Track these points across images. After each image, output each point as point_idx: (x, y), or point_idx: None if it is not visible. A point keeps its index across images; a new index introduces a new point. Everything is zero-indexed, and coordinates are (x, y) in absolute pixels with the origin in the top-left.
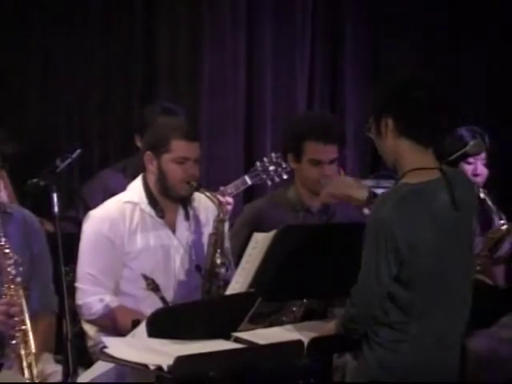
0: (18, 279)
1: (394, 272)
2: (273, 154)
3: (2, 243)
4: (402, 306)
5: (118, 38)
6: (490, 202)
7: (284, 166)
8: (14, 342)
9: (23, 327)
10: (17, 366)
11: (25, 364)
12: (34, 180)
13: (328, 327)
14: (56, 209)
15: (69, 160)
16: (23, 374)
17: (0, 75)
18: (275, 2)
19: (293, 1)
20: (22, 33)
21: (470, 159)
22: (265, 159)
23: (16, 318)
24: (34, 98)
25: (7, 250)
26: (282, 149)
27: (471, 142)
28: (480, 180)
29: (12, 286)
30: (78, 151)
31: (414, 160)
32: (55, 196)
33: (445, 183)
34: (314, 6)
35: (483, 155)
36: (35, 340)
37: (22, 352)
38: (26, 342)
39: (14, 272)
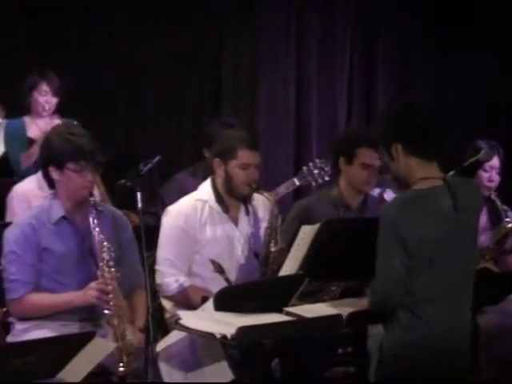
0: (111, 263)
1: (405, 262)
2: (317, 160)
3: (99, 234)
4: (414, 291)
5: (193, 65)
6: (499, 203)
7: (326, 169)
8: (108, 313)
9: (116, 302)
10: (111, 335)
11: (118, 333)
12: (122, 181)
13: (362, 303)
14: (140, 205)
15: (150, 165)
16: (116, 341)
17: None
18: (321, 33)
19: (335, 33)
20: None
21: (487, 167)
22: (310, 164)
23: (110, 295)
24: (122, 113)
25: (102, 240)
26: (335, 152)
27: (483, 151)
28: (493, 185)
29: (106, 269)
30: (158, 158)
31: (421, 172)
32: (139, 194)
33: (447, 190)
34: (353, 39)
35: (497, 164)
36: (127, 313)
37: (115, 322)
38: (119, 315)
39: (107, 257)
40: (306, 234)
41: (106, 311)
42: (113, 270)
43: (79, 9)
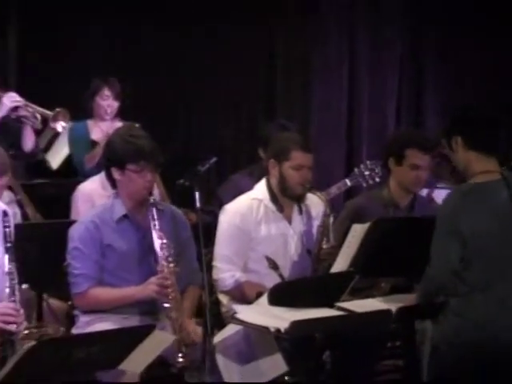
0: (170, 259)
1: (460, 252)
2: (368, 162)
3: (159, 231)
4: (467, 280)
5: (248, 69)
6: None
7: (377, 171)
8: (167, 306)
9: (175, 296)
10: (170, 328)
11: (176, 326)
12: (181, 181)
13: (410, 299)
14: (198, 204)
15: (207, 165)
16: (175, 333)
17: (158, 99)
18: (371, 43)
19: (384, 43)
20: (172, 57)
21: None
22: (362, 166)
23: (169, 289)
24: (181, 116)
25: (162, 237)
26: (385, 153)
27: None
28: None
29: (165, 264)
30: (215, 159)
31: (480, 166)
32: (197, 194)
33: (504, 183)
34: (403, 51)
35: None
36: (184, 306)
37: (174, 315)
38: (177, 308)
39: (167, 254)
40: (357, 232)
41: (166, 305)
42: (172, 265)
43: (138, 14)
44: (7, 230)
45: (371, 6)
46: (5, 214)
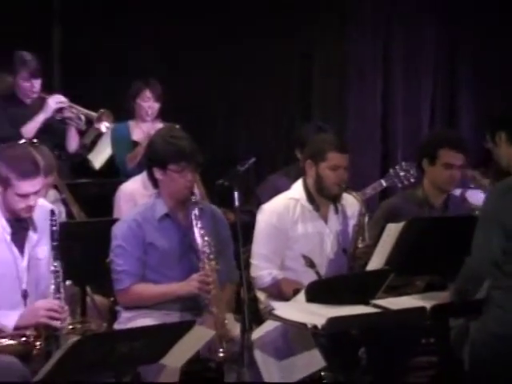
0: (212, 256)
1: (503, 244)
2: (403, 163)
3: (200, 229)
4: (509, 273)
5: (286, 73)
6: None
7: (412, 172)
8: (208, 302)
9: (216, 292)
10: (209, 323)
11: (216, 321)
12: (220, 181)
13: (444, 296)
14: (237, 203)
15: (246, 166)
16: (215, 329)
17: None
18: (405, 47)
19: (418, 49)
20: (211, 59)
21: None
22: (397, 167)
23: (210, 286)
24: (221, 118)
25: (203, 235)
26: (419, 154)
27: None
28: None
29: (207, 261)
30: (253, 159)
31: None
32: (236, 194)
33: None
34: (437, 54)
35: None
36: (223, 303)
37: (214, 311)
38: (218, 304)
39: (208, 251)
40: (392, 231)
41: (207, 300)
42: (213, 262)
43: (179, 16)
44: (54, 228)
45: (405, 11)
46: (52, 213)
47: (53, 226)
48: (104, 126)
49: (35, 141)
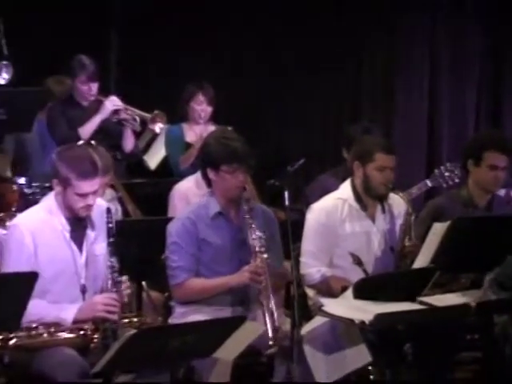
0: (263, 249)
1: None
2: (448, 164)
3: (251, 225)
4: None
5: (334, 77)
6: None
7: (456, 172)
8: (259, 292)
9: (266, 284)
10: (260, 318)
11: (267, 311)
12: (271, 181)
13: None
14: (287, 202)
15: (296, 167)
16: (265, 323)
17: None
18: (452, 51)
19: (464, 53)
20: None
21: None
22: (441, 167)
23: (261, 277)
24: (271, 120)
25: (254, 230)
26: (464, 155)
27: None
28: None
29: (258, 254)
30: (303, 160)
31: None
32: (286, 193)
33: None
34: (482, 57)
35: None
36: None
37: (265, 302)
38: (268, 295)
39: (259, 244)
40: (438, 230)
41: (258, 291)
42: (264, 256)
43: (233, 21)
44: (110, 225)
45: (452, 15)
46: (108, 210)
47: (109, 223)
48: (158, 127)
49: (92, 142)
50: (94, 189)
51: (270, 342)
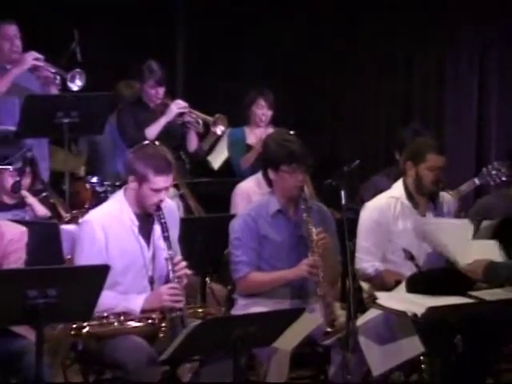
0: (319, 243)
1: None
2: (495, 162)
3: (308, 222)
4: None
5: (385, 82)
6: None
7: (503, 171)
8: (316, 285)
9: (324, 276)
10: (318, 311)
11: (325, 303)
12: (328, 181)
13: None
14: (343, 201)
15: (351, 167)
16: (322, 311)
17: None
18: (501, 55)
19: None
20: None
21: None
22: (489, 166)
23: (319, 269)
24: (327, 123)
25: (312, 225)
26: (511, 154)
27: None
28: None
29: (315, 249)
30: (357, 161)
31: None
32: (342, 192)
33: None
34: None
35: None
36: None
37: (323, 293)
38: (325, 287)
39: (316, 238)
40: (487, 228)
41: (316, 284)
42: (321, 249)
43: (292, 27)
44: (162, 221)
45: (502, 20)
46: (158, 208)
47: (161, 219)
48: (219, 129)
49: (156, 142)
50: (167, 184)
51: (328, 329)
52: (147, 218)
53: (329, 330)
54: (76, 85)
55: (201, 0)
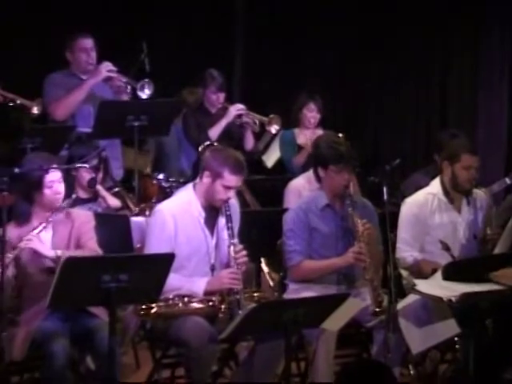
0: (364, 233)
1: None
2: None
3: (353, 214)
4: None
5: (422, 88)
6: None
7: None
8: (363, 271)
9: (369, 262)
10: (362, 295)
11: (372, 286)
12: (372, 178)
13: None
14: (385, 197)
15: (393, 166)
16: (370, 297)
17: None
18: None
19: None
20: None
21: None
22: None
23: (364, 256)
24: (371, 126)
25: (357, 218)
26: None
27: None
28: None
29: (361, 239)
30: (398, 160)
31: None
32: (384, 189)
33: None
34: None
35: None
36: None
37: (369, 277)
38: (371, 271)
39: (361, 229)
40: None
41: (362, 270)
42: (366, 238)
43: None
44: (228, 213)
45: None
46: (225, 201)
47: (227, 211)
48: (274, 129)
49: (215, 144)
50: (238, 184)
51: (376, 309)
52: (213, 211)
53: (377, 309)
54: (145, 93)
55: (256, 18)
